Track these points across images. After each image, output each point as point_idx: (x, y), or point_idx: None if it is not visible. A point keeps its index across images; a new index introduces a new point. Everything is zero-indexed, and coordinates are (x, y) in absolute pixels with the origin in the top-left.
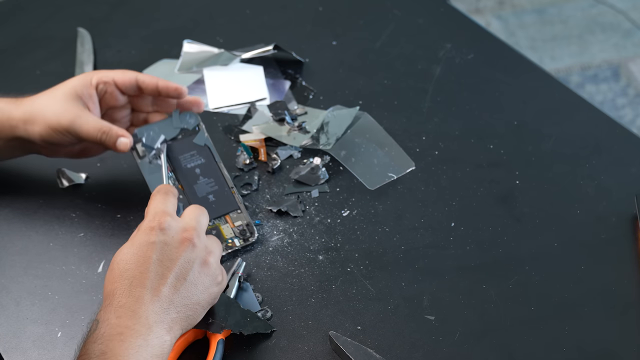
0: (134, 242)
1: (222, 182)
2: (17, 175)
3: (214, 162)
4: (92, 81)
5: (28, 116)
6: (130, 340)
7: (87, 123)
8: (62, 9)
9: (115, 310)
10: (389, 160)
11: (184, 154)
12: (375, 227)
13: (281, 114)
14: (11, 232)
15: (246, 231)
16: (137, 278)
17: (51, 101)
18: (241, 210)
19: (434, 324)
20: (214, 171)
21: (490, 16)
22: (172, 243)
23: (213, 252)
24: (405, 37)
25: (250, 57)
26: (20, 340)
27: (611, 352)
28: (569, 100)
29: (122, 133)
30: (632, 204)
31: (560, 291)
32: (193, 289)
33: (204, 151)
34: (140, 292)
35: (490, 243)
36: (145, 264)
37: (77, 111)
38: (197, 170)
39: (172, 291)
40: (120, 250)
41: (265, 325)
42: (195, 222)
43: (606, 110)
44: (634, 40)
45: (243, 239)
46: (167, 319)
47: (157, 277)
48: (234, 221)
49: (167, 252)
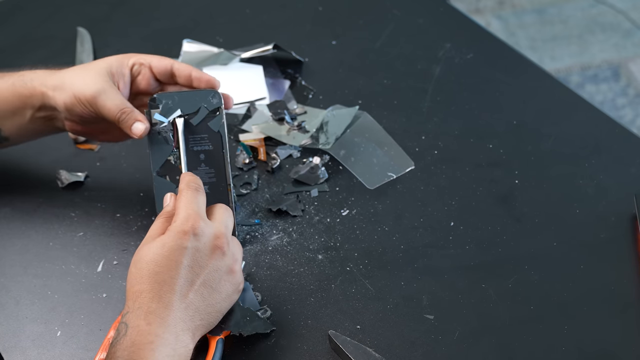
0: (165, 244)
1: (222, 177)
2: (17, 175)
3: (221, 152)
4: (128, 61)
5: (59, 83)
6: (161, 350)
7: (110, 100)
8: (62, 9)
9: (146, 317)
10: (388, 159)
11: (194, 135)
12: (375, 227)
13: (281, 113)
14: (11, 232)
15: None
16: (168, 283)
17: (83, 72)
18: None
19: (433, 323)
20: (218, 162)
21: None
22: (203, 250)
23: (238, 260)
24: (405, 37)
25: (249, 57)
26: (19, 339)
27: (610, 351)
28: (568, 100)
29: (140, 118)
30: (632, 203)
31: (560, 291)
32: (217, 297)
33: (215, 137)
34: (170, 297)
35: (489, 242)
36: (177, 269)
37: (105, 86)
38: (202, 156)
39: (199, 298)
40: (149, 249)
41: (265, 324)
42: (225, 229)
43: (606, 110)
44: (634, 40)
45: None
46: (192, 326)
47: (187, 283)
48: None
49: (198, 259)
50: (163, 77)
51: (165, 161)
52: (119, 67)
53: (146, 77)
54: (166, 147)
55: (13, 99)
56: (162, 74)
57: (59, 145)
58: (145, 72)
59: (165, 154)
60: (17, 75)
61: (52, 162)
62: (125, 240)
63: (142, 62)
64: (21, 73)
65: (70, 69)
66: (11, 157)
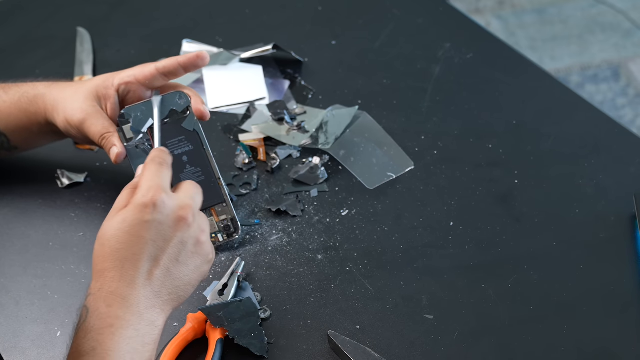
0: (125, 219)
1: (209, 172)
2: (17, 175)
3: (202, 150)
4: (113, 82)
5: (55, 104)
6: (121, 332)
7: (94, 125)
8: (62, 9)
9: (106, 298)
10: (388, 159)
11: (172, 140)
12: (374, 227)
13: (280, 113)
14: (11, 232)
15: (230, 226)
16: (130, 260)
17: (74, 96)
18: (226, 203)
19: (433, 323)
20: (202, 159)
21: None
22: (166, 222)
23: (205, 231)
24: (404, 36)
25: (249, 57)
26: (19, 339)
27: (610, 351)
28: (568, 100)
29: (116, 142)
30: (631, 203)
31: (559, 290)
32: (185, 269)
33: (192, 137)
34: (133, 275)
35: (489, 242)
36: (139, 244)
37: (91, 111)
38: (185, 158)
39: (165, 273)
40: (110, 225)
41: (261, 347)
42: (190, 200)
43: (606, 110)
44: (634, 40)
45: (227, 234)
46: (158, 302)
47: (150, 259)
48: (219, 215)
49: (161, 232)
50: (153, 82)
51: None
52: (105, 89)
53: (137, 92)
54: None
55: (20, 115)
56: (151, 81)
57: (59, 145)
58: (134, 88)
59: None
60: (22, 90)
61: (52, 162)
62: None
63: (127, 81)
64: (25, 88)
65: (65, 89)
66: (11, 158)
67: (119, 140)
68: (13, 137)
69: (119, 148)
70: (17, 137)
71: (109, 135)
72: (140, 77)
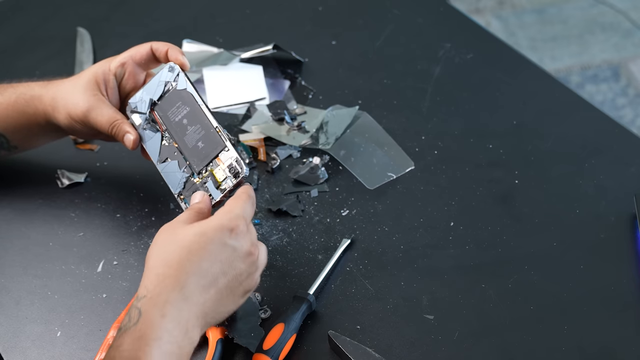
0: (205, 233)
1: (207, 125)
2: (17, 175)
3: (198, 107)
4: (110, 66)
5: (54, 103)
6: (167, 347)
7: (101, 115)
8: (62, 9)
9: (162, 307)
10: (388, 159)
11: (172, 108)
12: (375, 227)
13: (280, 113)
14: (11, 232)
15: (235, 167)
16: (195, 275)
17: (73, 89)
18: (228, 147)
19: (433, 323)
20: (199, 116)
21: (490, 16)
22: (240, 253)
23: (261, 268)
24: (404, 36)
25: (249, 57)
26: (19, 339)
27: (610, 351)
28: (568, 100)
29: (129, 129)
30: (632, 203)
31: (559, 291)
32: (232, 299)
33: (188, 98)
34: (192, 290)
35: (489, 242)
36: (209, 262)
37: (94, 101)
38: (185, 121)
39: (218, 297)
40: (186, 234)
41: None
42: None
43: (606, 110)
44: (634, 40)
45: (233, 175)
46: (202, 322)
47: (213, 280)
48: (225, 161)
49: (231, 259)
50: (146, 62)
51: (161, 147)
52: (104, 74)
53: (133, 75)
54: (156, 136)
55: (17, 116)
56: (145, 60)
57: (59, 145)
58: (130, 69)
59: (157, 142)
60: (18, 92)
61: (52, 162)
62: (125, 240)
63: (123, 61)
64: (21, 89)
65: (62, 85)
66: (11, 158)
67: (130, 126)
68: (12, 137)
69: (134, 134)
70: (17, 136)
71: (118, 123)
72: (137, 57)
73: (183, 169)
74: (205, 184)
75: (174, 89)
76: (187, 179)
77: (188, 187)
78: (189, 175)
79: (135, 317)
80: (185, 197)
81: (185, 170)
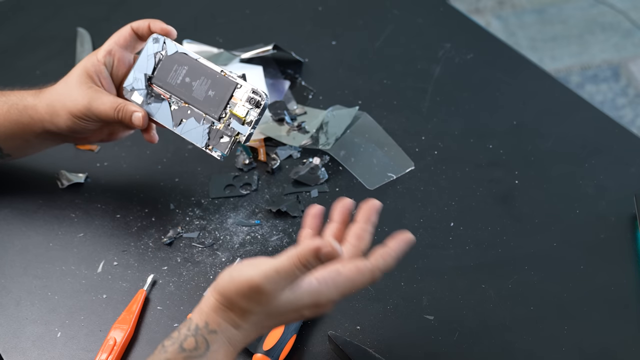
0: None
1: (212, 73)
2: (17, 175)
3: (195, 61)
4: (98, 57)
5: (51, 109)
6: None
7: (102, 104)
8: (62, 9)
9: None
10: (388, 160)
11: (170, 74)
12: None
13: (281, 113)
14: (11, 232)
15: (254, 97)
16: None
17: (67, 88)
18: (240, 84)
19: (433, 323)
20: (200, 69)
21: (490, 16)
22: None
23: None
24: (404, 37)
25: (249, 57)
26: (19, 340)
27: (610, 351)
28: (568, 100)
29: (135, 108)
30: (632, 203)
31: (560, 291)
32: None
33: (182, 59)
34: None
35: (489, 243)
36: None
37: (92, 93)
38: (187, 79)
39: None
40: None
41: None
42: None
43: (606, 110)
44: (634, 40)
45: (255, 105)
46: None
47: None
48: (241, 97)
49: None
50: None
51: (172, 113)
52: (94, 67)
53: (122, 59)
54: (163, 105)
55: (10, 125)
56: (130, 42)
57: (59, 146)
58: (118, 55)
59: (166, 110)
60: (10, 101)
61: (53, 163)
62: (125, 241)
63: (109, 49)
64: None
65: (54, 90)
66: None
67: (135, 105)
68: (5, 145)
69: (141, 111)
70: (9, 145)
71: (123, 105)
72: (121, 41)
73: (202, 122)
74: (230, 126)
75: (166, 56)
76: (210, 128)
77: (213, 135)
78: (209, 125)
79: (202, 347)
80: (214, 146)
81: (204, 121)
